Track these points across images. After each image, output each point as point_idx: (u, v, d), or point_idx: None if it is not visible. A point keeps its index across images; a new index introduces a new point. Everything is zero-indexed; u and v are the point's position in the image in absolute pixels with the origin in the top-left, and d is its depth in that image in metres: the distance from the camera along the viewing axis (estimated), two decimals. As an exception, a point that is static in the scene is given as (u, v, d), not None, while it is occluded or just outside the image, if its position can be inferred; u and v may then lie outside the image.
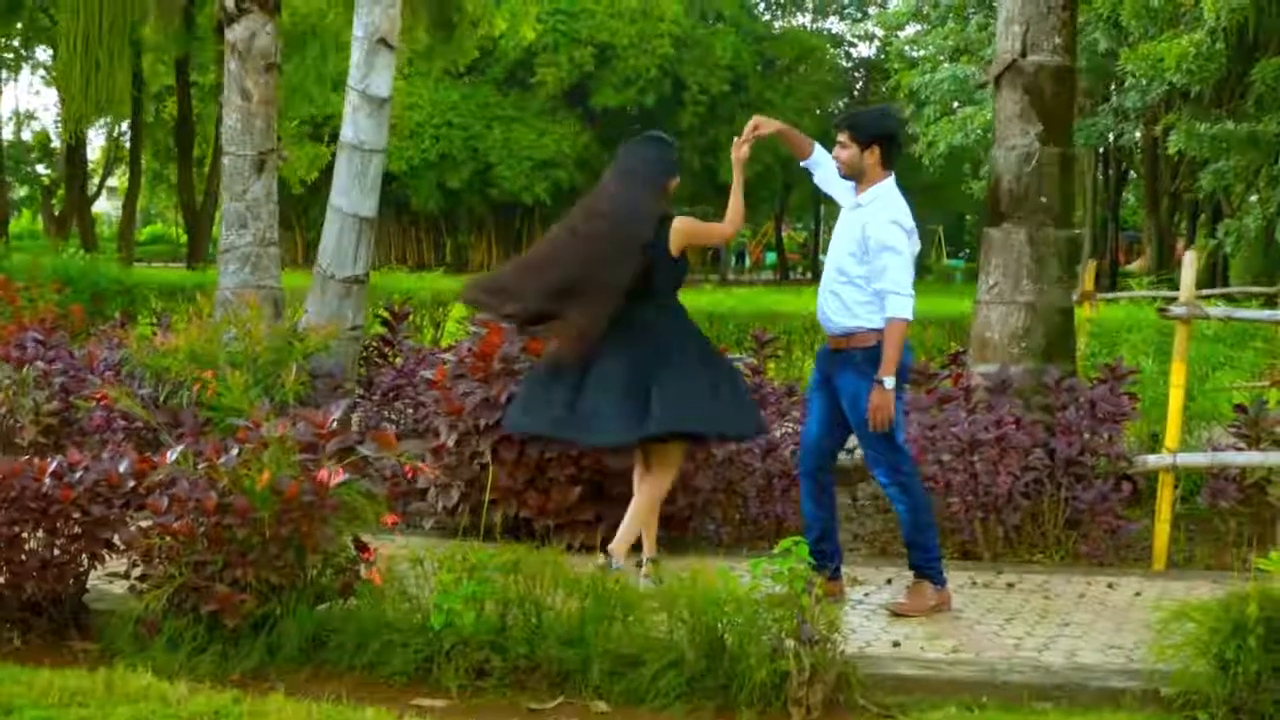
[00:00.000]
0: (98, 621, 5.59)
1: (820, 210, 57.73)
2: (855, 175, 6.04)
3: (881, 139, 5.99)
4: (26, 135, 45.62)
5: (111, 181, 45.44)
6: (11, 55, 33.09)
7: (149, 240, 51.74)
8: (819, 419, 6.19)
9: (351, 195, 8.54)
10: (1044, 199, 7.73)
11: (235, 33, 8.75)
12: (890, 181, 6.04)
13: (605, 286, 6.15)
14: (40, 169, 44.08)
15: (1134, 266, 38.19)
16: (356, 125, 8.52)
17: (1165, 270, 30.86)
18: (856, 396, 5.93)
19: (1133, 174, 41.13)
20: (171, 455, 5.49)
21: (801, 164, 6.46)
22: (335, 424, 5.54)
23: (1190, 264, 6.94)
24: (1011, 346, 7.73)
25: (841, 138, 6.04)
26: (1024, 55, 7.77)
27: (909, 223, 5.99)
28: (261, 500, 5.18)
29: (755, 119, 6.35)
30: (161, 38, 16.74)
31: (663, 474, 6.34)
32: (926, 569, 6.08)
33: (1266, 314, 8.49)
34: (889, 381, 5.80)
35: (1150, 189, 34.20)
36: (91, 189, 35.99)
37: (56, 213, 31.60)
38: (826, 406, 6.14)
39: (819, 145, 6.39)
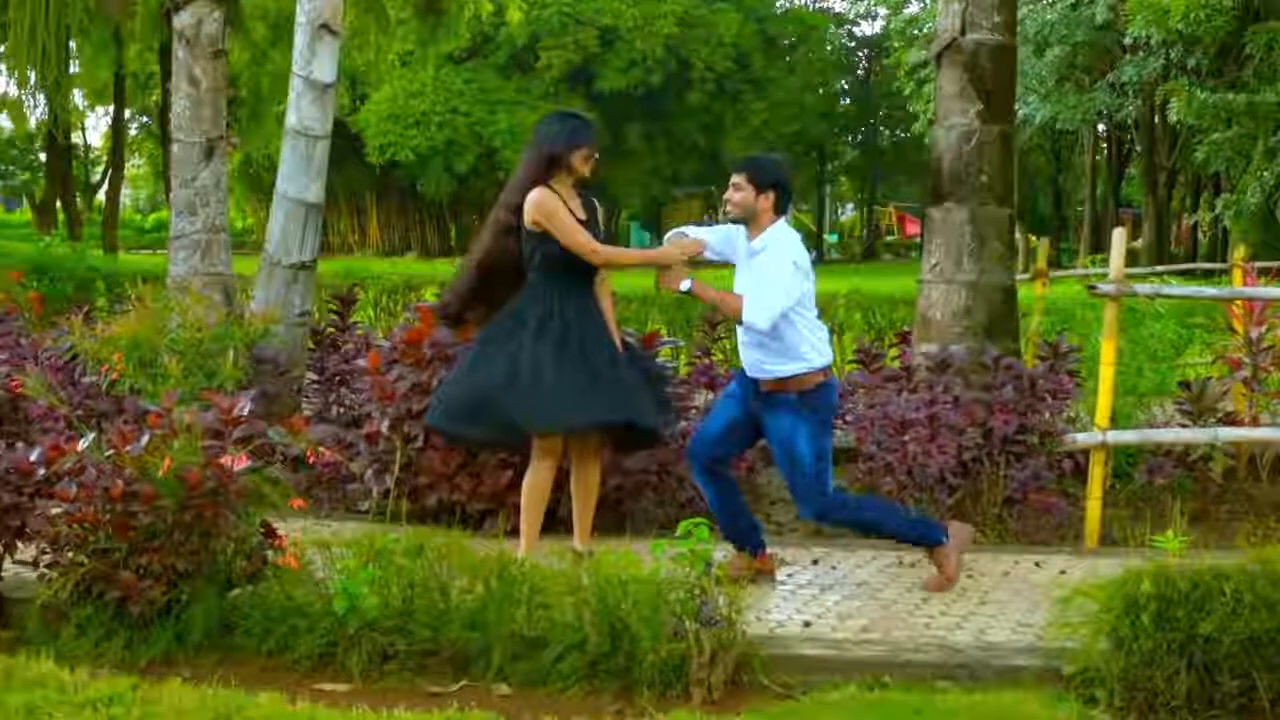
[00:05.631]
0: (16, 610, 5.62)
1: (824, 191, 57.57)
2: (746, 217, 6.01)
3: (777, 185, 5.99)
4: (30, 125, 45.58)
5: (121, 169, 45.34)
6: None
7: (155, 227, 51.78)
8: (721, 422, 6.12)
9: (297, 181, 8.54)
10: (984, 178, 7.72)
11: (182, 20, 8.77)
12: (783, 223, 6.02)
13: (467, 262, 6.42)
14: (44, 157, 44.11)
15: (1136, 244, 38.00)
16: (301, 111, 8.53)
17: (1163, 247, 30.72)
18: (790, 437, 5.87)
19: (1137, 150, 40.98)
20: (83, 443, 5.52)
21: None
22: (244, 411, 5.54)
23: (1120, 241, 6.91)
24: (953, 325, 7.72)
25: (737, 179, 6.00)
26: (963, 33, 7.76)
27: (806, 264, 5.95)
28: (166, 487, 5.20)
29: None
30: (136, 26, 16.73)
31: (595, 460, 6.34)
32: (920, 543, 6.12)
33: (1192, 289, 8.45)
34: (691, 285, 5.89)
35: (1148, 165, 34.07)
36: (94, 178, 36.09)
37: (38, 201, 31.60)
38: (734, 419, 6.08)
39: (705, 239, 6.18)
